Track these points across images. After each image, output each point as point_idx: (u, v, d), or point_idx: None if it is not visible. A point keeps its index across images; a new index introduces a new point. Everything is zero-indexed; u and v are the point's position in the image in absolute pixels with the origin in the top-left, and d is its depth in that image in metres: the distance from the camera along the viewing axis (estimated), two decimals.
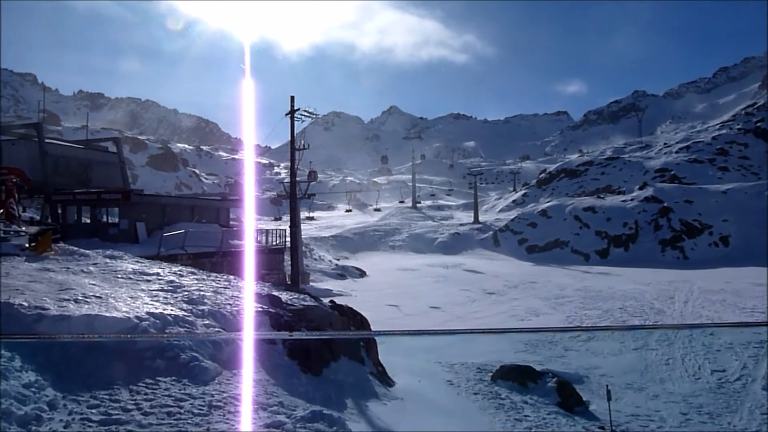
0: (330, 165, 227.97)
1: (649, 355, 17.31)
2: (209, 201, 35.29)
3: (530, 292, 33.80)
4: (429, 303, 29.87)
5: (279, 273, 31.47)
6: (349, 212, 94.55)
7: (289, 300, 11.25)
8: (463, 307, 29.19)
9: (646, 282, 36.38)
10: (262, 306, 9.77)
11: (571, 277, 41.50)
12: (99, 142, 38.87)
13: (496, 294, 33.53)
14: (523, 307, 28.27)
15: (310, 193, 38.91)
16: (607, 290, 33.30)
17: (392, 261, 52.95)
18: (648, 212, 57.74)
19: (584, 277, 41.04)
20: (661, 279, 37.72)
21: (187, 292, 9.39)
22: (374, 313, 20.65)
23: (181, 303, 8.63)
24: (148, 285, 9.75)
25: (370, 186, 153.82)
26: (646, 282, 36.35)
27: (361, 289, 35.76)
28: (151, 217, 26.85)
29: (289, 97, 33.56)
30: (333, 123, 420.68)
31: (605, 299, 29.98)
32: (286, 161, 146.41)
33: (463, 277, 42.21)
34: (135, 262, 12.72)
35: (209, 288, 10.27)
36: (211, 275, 12.57)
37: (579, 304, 28.76)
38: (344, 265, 46.27)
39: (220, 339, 7.29)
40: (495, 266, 49.23)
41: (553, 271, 45.71)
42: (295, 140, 33.66)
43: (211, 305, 8.82)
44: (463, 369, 14.80)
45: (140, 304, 7.89)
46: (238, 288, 11.09)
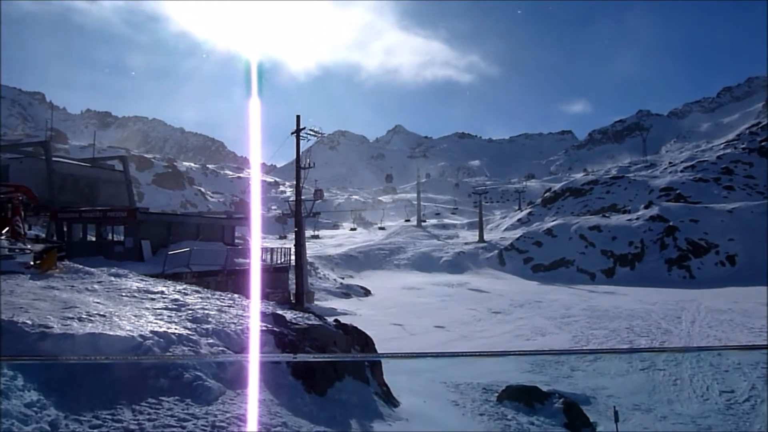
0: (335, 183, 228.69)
1: (656, 375, 17.11)
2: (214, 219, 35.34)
3: (536, 312, 33.56)
4: (434, 322, 29.67)
5: (283, 291, 31.38)
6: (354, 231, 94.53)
7: (294, 319, 11.19)
8: (469, 326, 28.99)
9: (652, 301, 36.09)
10: (267, 325, 9.72)
11: (577, 296, 41.22)
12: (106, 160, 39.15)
13: (501, 313, 33.31)
14: (529, 327, 28.06)
15: (315, 211, 38.96)
16: (613, 310, 33.04)
17: (397, 280, 52.78)
18: (654, 231, 57.52)
19: (590, 297, 40.75)
20: (667, 298, 37.43)
21: (192, 311, 9.35)
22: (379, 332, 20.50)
23: (185, 322, 8.59)
24: (152, 303, 9.72)
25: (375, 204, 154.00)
26: (653, 301, 36.07)
27: (366, 308, 35.58)
28: (157, 235, 26.89)
29: (295, 116, 33.78)
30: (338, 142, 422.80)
31: (612, 319, 29.72)
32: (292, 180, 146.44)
33: (469, 296, 41.98)
34: (139, 281, 12.70)
35: (213, 307, 10.23)
36: (215, 294, 12.53)
37: (585, 324, 28.52)
38: (349, 284, 46.13)
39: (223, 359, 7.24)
40: (500, 285, 49.00)
41: (559, 290, 45.44)
42: (301, 159, 33.78)
43: (215, 324, 8.78)
44: (469, 389, 14.64)
45: (144, 323, 7.85)
46: (242, 307, 11.04)
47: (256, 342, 8.72)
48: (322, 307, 33.33)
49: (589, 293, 43.06)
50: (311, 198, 41.62)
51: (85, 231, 28.12)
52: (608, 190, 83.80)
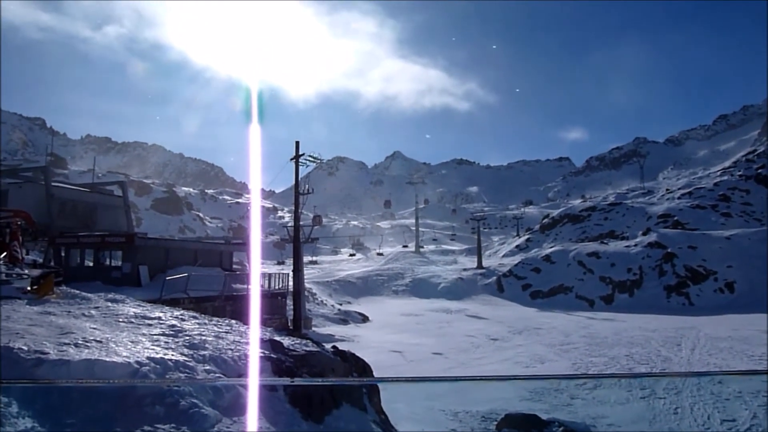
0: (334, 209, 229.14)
1: (657, 404, 16.96)
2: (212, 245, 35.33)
3: (535, 339, 33.38)
4: (432, 349, 29.49)
5: (281, 318, 31.23)
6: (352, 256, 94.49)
7: (291, 345, 11.13)
8: (467, 353, 28.81)
9: (651, 328, 35.93)
10: (264, 351, 9.66)
11: (576, 323, 41.04)
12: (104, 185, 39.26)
13: (500, 340, 33.12)
14: (528, 354, 27.88)
15: (313, 237, 38.96)
16: (612, 337, 32.87)
17: (395, 306, 52.56)
18: (652, 258, 57.50)
19: (589, 323, 40.57)
20: (666, 325, 37.26)
21: (189, 337, 9.31)
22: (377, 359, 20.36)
23: (182, 348, 8.54)
24: (149, 329, 9.67)
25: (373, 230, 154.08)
26: (652, 328, 35.90)
27: (364, 334, 35.37)
28: (154, 260, 26.86)
29: (294, 143, 34.00)
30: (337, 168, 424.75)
31: (611, 346, 29.56)
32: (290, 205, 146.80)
33: (467, 323, 41.78)
34: (137, 306, 12.65)
35: (211, 333, 10.18)
36: (212, 320, 12.47)
37: (584, 351, 28.35)
38: (347, 310, 45.92)
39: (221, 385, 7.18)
40: (499, 312, 48.80)
41: (558, 317, 45.26)
42: (300, 185, 33.90)
43: (212, 350, 8.73)
44: (468, 417, 14.50)
45: (141, 349, 7.81)
46: (239, 333, 10.99)
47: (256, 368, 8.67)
48: (319, 333, 33.13)
49: (588, 320, 42.88)
50: (310, 223, 41.66)
51: (83, 256, 28.07)
52: (606, 216, 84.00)
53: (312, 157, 35.25)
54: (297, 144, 33.83)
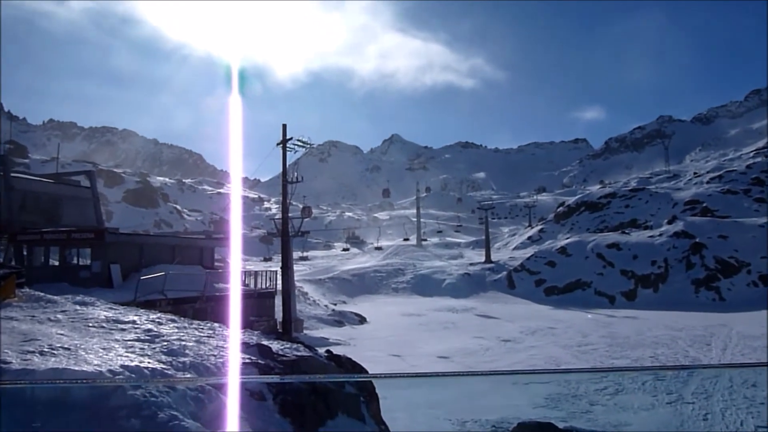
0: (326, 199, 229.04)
1: (684, 409, 17.05)
2: (192, 240, 35.28)
3: (549, 339, 33.50)
4: (437, 352, 29.58)
5: (269, 320, 31.26)
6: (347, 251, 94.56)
7: (281, 350, 11.14)
8: (475, 356, 28.91)
9: (678, 327, 36.07)
10: (250, 357, 9.67)
11: (595, 321, 41.19)
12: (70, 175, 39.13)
13: (511, 341, 33.23)
14: (542, 356, 28.00)
15: (303, 230, 38.94)
16: (635, 336, 33.00)
17: (395, 305, 52.65)
18: (678, 249, 57.63)
19: (609, 322, 40.71)
20: (695, 323, 37.42)
21: (167, 342, 9.31)
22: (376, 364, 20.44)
23: (160, 354, 8.54)
24: (122, 334, 9.68)
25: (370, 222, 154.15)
26: (679, 327, 36.05)
27: (361, 337, 35.45)
28: (127, 258, 26.81)
29: (281, 126, 33.90)
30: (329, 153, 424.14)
31: (634, 347, 29.68)
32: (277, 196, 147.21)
33: (475, 323, 41.89)
34: (108, 309, 12.64)
35: (191, 337, 10.18)
36: (193, 323, 12.48)
37: (605, 353, 28.48)
38: (342, 311, 46.00)
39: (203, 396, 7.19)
40: (510, 310, 48.93)
41: (575, 315, 45.40)
42: (288, 172, 33.84)
43: (193, 356, 8.73)
44: (476, 427, 14.55)
45: (114, 356, 7.81)
46: (223, 337, 10.99)
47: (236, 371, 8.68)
48: (312, 336, 33.19)
49: (608, 318, 43.02)
50: (299, 216, 41.63)
51: (48, 254, 28.02)
52: (627, 203, 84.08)
53: (301, 141, 35.19)
54: (284, 127, 33.75)
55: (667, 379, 19.69)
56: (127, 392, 6.64)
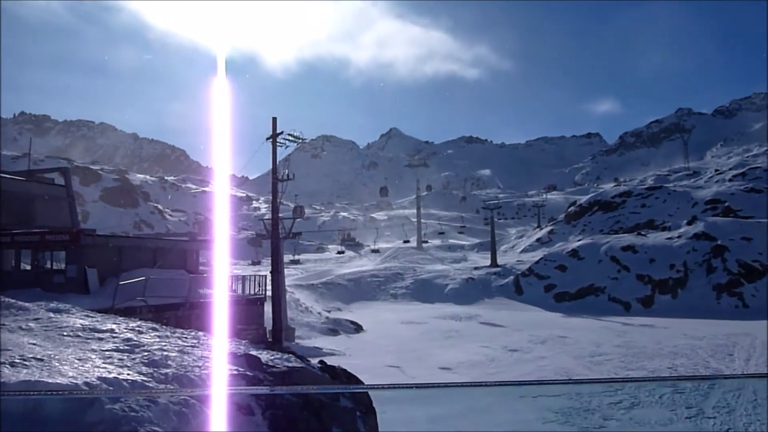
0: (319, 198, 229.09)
1: (705, 425, 17.08)
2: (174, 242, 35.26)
3: (560, 349, 33.51)
4: (438, 363, 29.59)
5: (258, 328, 31.27)
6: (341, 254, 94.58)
7: (270, 360, 11.14)
8: (480, 367, 28.91)
9: (698, 336, 36.10)
10: (238, 368, 9.67)
11: (609, 330, 41.20)
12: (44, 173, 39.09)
13: (519, 351, 33.24)
14: (552, 367, 28.01)
15: (295, 231, 38.93)
16: (652, 346, 33.02)
17: (394, 313, 52.64)
18: (699, 252, 57.68)
19: (625, 331, 40.74)
20: (716, 332, 37.44)
21: (148, 353, 9.30)
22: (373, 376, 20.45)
23: (140, 365, 8.54)
24: (100, 344, 9.67)
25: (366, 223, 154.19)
26: (699, 336, 36.08)
27: (357, 347, 35.44)
28: (105, 262, 26.79)
29: (271, 119, 33.89)
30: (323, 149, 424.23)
31: (651, 357, 29.71)
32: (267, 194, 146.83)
33: (480, 332, 41.88)
34: (84, 317, 12.63)
35: (174, 347, 10.18)
36: (176, 332, 12.47)
37: (619, 364, 28.49)
38: (336, 318, 46.00)
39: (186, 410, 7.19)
40: (517, 318, 48.93)
41: (587, 323, 45.42)
42: (278, 169, 33.84)
43: (176, 368, 8.73)
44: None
45: (90, 368, 7.80)
46: (208, 347, 10.99)
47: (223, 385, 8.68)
48: (304, 346, 33.17)
49: (623, 326, 43.04)
50: (290, 216, 41.61)
51: (19, 258, 27.99)
52: (644, 203, 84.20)
53: (292, 136, 35.19)
54: (274, 121, 33.73)
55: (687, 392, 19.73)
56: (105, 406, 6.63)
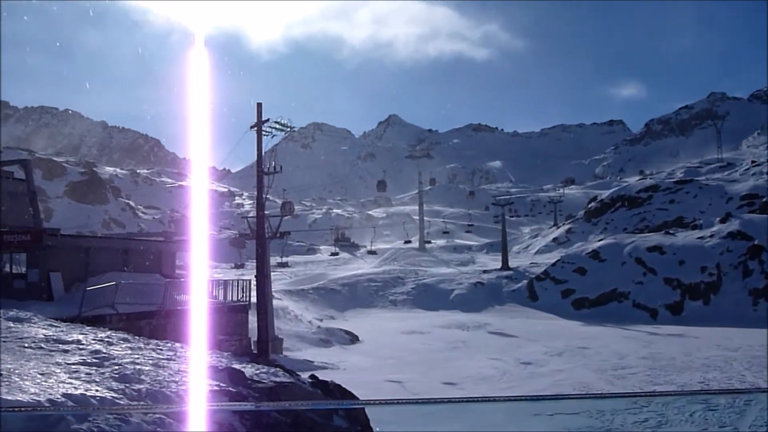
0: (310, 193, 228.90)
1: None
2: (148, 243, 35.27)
3: (579, 362, 33.52)
4: (443, 378, 29.62)
5: (241, 339, 31.27)
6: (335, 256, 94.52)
7: (255, 375, 11.15)
8: (489, 382, 28.94)
9: (733, 347, 36.12)
10: (219, 383, 9.68)
11: (634, 340, 41.22)
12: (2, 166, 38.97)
13: (533, 364, 33.25)
14: (570, 382, 28.03)
15: (282, 231, 38.90)
16: (682, 358, 33.04)
17: (394, 321, 52.65)
18: (734, 253, 57.68)
19: (651, 341, 40.76)
20: (753, 342, 37.45)
21: (119, 366, 9.31)
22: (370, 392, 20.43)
23: (110, 381, 8.54)
24: (65, 357, 9.67)
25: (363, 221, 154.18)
26: (734, 347, 36.10)
27: (353, 359, 35.44)
28: (71, 265, 26.77)
29: (256, 105, 33.83)
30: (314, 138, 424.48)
31: (680, 370, 29.72)
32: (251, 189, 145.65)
33: (489, 342, 41.90)
34: (48, 326, 12.64)
35: (148, 360, 10.19)
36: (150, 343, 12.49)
37: (645, 378, 28.51)
38: (329, 328, 46.01)
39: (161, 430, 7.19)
40: (531, 327, 48.95)
41: (610, 332, 45.44)
42: (264, 161, 33.79)
43: (150, 383, 8.73)
44: None
45: (54, 383, 7.81)
46: (186, 360, 11.00)
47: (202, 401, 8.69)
48: (293, 358, 33.17)
49: (649, 336, 43.06)
50: (278, 213, 41.56)
51: None
52: (672, 198, 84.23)
53: (280, 123, 35.08)
54: (259, 107, 33.66)
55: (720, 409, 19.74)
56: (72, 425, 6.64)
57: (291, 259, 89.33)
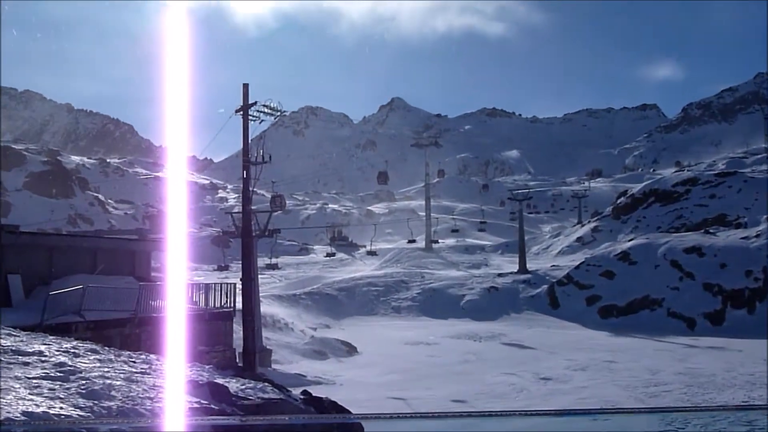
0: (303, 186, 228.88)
1: None
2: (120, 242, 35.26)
3: (606, 377, 33.52)
4: (452, 395, 29.62)
5: (225, 350, 31.27)
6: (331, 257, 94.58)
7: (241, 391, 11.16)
8: (504, 400, 28.93)
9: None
10: (200, 400, 9.68)
11: (668, 353, 41.20)
12: None
13: (553, 380, 33.25)
14: (596, 400, 28.01)
15: (272, 228, 38.89)
16: (723, 374, 33.01)
17: (397, 330, 52.68)
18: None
19: (688, 354, 40.73)
20: None
21: (86, 381, 9.30)
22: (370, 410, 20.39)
23: (76, 397, 8.54)
24: (25, 370, 9.66)
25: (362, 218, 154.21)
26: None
27: (351, 374, 35.47)
28: (32, 266, 26.77)
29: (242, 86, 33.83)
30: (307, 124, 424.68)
31: (721, 388, 29.70)
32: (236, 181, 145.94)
33: (504, 355, 41.90)
34: (6, 336, 12.64)
35: (119, 374, 10.18)
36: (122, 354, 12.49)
37: (680, 396, 28.50)
38: (324, 338, 46.05)
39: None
40: (552, 338, 48.96)
41: (641, 344, 45.42)
42: (251, 150, 33.80)
43: (121, 400, 8.73)
44: None
45: (13, 399, 7.80)
46: (162, 373, 11.00)
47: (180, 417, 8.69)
48: (283, 372, 33.20)
49: (685, 349, 43.04)
50: (266, 208, 41.56)
51: None
52: (713, 192, 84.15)
53: (269, 107, 35.08)
54: (245, 88, 33.67)
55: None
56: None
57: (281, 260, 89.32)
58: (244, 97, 33.40)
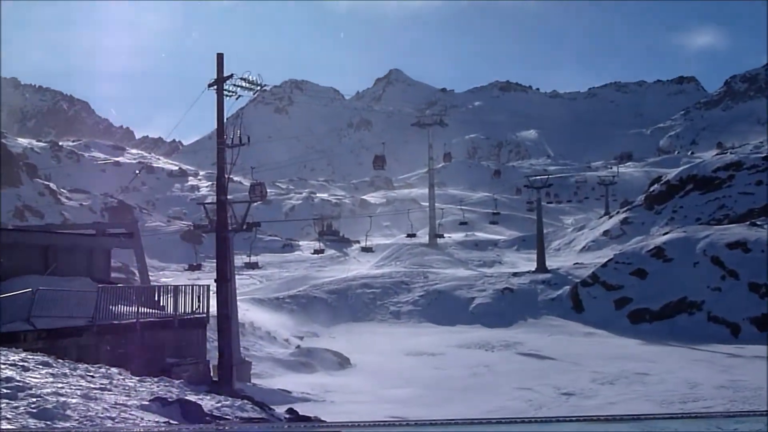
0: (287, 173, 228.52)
1: None
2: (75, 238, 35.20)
3: (637, 391, 33.58)
4: (460, 413, 29.55)
5: (197, 362, 31.28)
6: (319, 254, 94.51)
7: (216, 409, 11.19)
8: None
9: None
10: (169, 420, 9.72)
11: (709, 363, 41.24)
12: None
13: (577, 395, 33.32)
14: None
15: (251, 221, 38.89)
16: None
17: (396, 339, 52.72)
18: None
19: (731, 365, 40.77)
20: None
21: (37, 399, 9.33)
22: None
23: (26, 417, 8.56)
24: None
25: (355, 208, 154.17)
26: None
27: (342, 389, 35.50)
28: None
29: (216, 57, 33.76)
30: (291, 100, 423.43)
31: None
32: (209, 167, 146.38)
33: (520, 367, 41.94)
34: None
35: (75, 390, 10.21)
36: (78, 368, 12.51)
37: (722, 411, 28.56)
38: (312, 348, 46.13)
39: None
40: (575, 346, 49.03)
41: (677, 353, 45.50)
42: (226, 130, 33.76)
43: (78, 420, 8.76)
44: None
45: None
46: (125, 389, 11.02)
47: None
48: (265, 388, 33.21)
49: (729, 359, 43.09)
50: (245, 198, 41.54)
51: None
52: (760, 179, 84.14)
53: (247, 81, 34.97)
54: (219, 58, 33.60)
55: None
56: None
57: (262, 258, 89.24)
58: (218, 69, 33.28)
